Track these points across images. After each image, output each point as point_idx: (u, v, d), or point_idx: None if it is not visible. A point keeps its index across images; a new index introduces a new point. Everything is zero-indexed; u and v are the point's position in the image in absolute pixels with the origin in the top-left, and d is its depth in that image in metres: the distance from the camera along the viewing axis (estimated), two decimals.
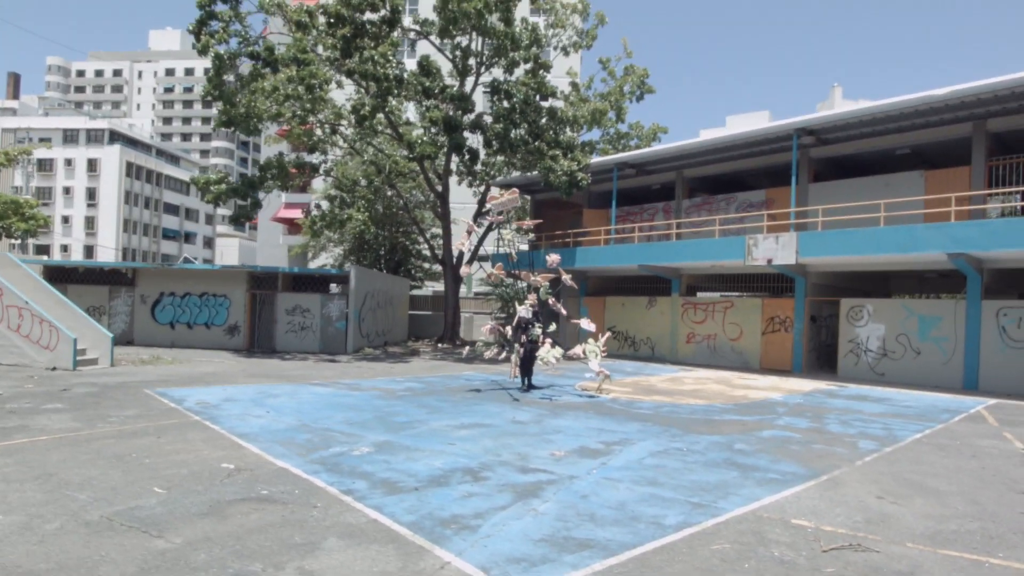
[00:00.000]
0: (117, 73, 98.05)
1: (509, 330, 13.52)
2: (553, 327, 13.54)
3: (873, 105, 15.66)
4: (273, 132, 27.89)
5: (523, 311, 13.48)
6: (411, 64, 24.91)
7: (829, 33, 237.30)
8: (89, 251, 58.31)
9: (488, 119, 21.84)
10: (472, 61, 23.55)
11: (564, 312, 14.02)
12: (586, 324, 13.19)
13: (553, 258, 13.80)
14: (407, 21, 22.47)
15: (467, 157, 20.38)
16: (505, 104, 21.68)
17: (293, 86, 19.65)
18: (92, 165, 59.35)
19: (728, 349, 20.33)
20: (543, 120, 21.84)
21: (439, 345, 27.22)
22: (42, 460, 6.24)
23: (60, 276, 22.32)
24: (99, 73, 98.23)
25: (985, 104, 14.58)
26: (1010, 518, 5.53)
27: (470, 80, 24.76)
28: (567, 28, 25.31)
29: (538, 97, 22.49)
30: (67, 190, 59.31)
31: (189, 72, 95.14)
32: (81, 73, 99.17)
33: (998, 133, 15.73)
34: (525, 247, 27.25)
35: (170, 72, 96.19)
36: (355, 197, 24.19)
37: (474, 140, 21.62)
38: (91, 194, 59.20)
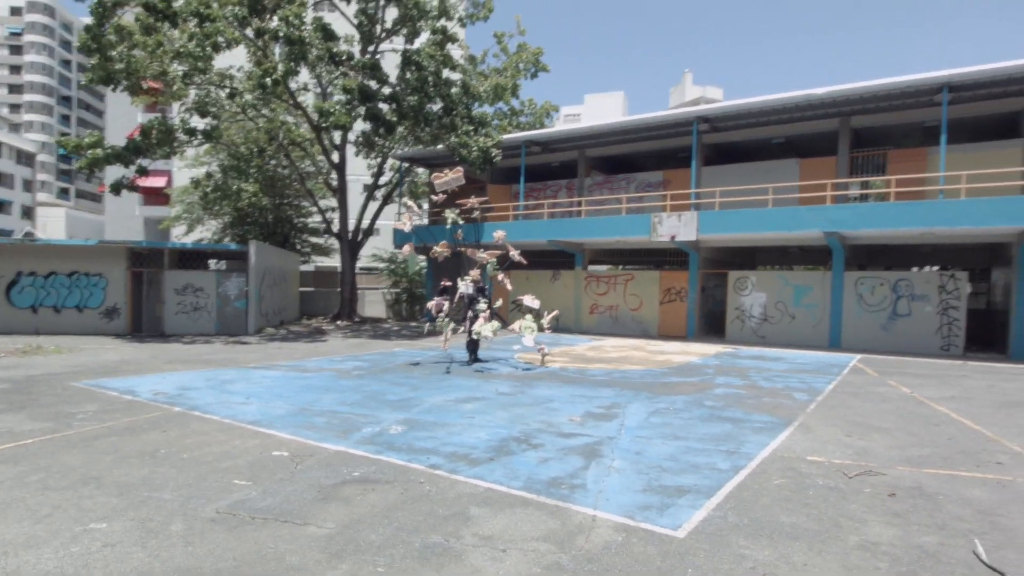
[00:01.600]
0: None
1: (446, 306, 13.76)
2: (499, 303, 13.97)
3: (763, 99, 17.75)
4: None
5: (464, 287, 13.79)
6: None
7: (679, 20, 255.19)
8: None
9: (398, 89, 21.37)
10: (378, 28, 22.79)
11: (511, 288, 14.52)
12: (530, 301, 13.79)
13: (499, 234, 14.18)
14: None
15: (382, 128, 19.84)
16: (408, 75, 21.29)
17: (183, 42, 17.81)
18: None
19: (629, 319, 22.09)
20: (453, 92, 21.80)
21: (337, 323, 26.43)
22: (60, 463, 5.63)
23: None
24: None
25: (851, 103, 17.20)
26: (945, 443, 7.10)
27: (371, 48, 23.92)
28: None
29: (444, 70, 22.36)
30: None
31: None
32: None
33: (858, 129, 18.62)
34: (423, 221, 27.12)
35: None
36: (249, 167, 22.52)
37: (385, 111, 21.06)
38: None
